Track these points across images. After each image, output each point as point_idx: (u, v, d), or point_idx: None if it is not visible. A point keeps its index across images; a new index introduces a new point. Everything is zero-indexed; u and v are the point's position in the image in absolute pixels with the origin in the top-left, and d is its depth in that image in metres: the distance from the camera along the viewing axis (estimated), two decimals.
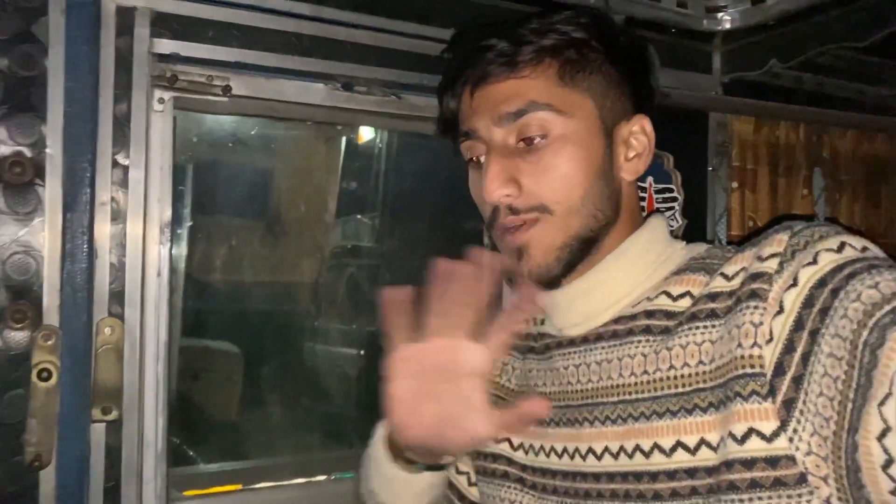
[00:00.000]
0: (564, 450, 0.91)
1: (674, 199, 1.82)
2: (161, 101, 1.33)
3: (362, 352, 2.69)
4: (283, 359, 2.70)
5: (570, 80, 0.89)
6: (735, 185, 1.93)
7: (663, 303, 0.86)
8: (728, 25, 1.79)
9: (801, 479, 0.70)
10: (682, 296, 0.85)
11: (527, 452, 0.97)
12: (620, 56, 0.93)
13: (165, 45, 1.33)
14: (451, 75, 0.95)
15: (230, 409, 2.61)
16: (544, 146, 0.87)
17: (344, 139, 2.85)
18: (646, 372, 0.84)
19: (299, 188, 2.86)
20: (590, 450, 0.88)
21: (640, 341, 0.86)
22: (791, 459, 0.71)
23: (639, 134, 0.93)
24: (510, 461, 0.99)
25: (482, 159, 0.91)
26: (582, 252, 0.89)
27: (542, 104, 0.87)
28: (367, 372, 2.63)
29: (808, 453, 0.70)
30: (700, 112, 1.91)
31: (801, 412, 0.70)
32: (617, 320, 0.89)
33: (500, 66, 0.89)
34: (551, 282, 0.89)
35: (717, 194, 1.93)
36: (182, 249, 2.31)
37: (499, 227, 0.89)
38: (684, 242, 0.94)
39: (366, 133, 2.86)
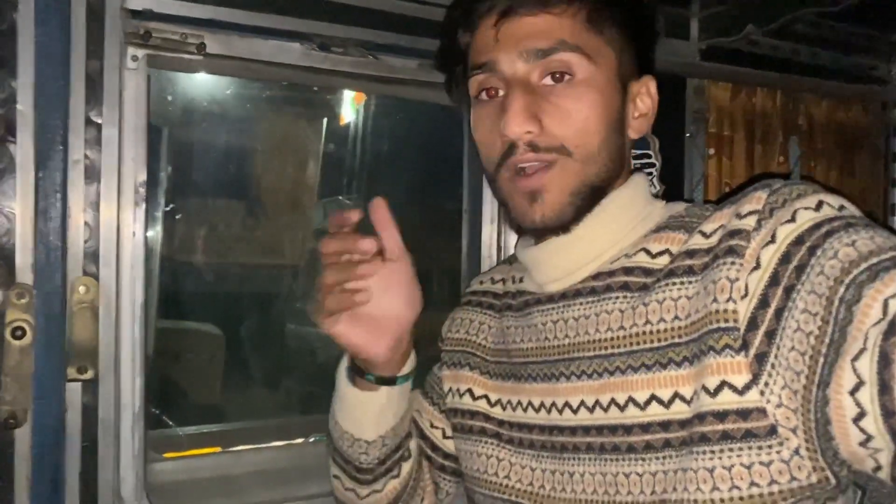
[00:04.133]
0: (542, 404, 0.92)
1: (651, 165, 1.82)
2: (134, 58, 1.30)
3: None
4: (264, 337, 2.72)
5: (597, 27, 0.88)
6: (712, 151, 1.94)
7: (642, 260, 0.87)
8: None
9: (772, 430, 0.72)
10: (660, 253, 0.86)
11: (504, 408, 0.98)
12: (639, 13, 0.93)
13: (138, 1, 1.30)
14: (465, 6, 0.92)
15: (213, 388, 2.64)
16: (568, 88, 0.86)
17: (325, 119, 2.82)
18: (622, 327, 0.85)
19: (280, 167, 2.84)
20: (566, 404, 0.89)
21: (617, 297, 0.86)
22: (762, 412, 0.72)
23: (645, 95, 0.94)
24: (487, 417, 0.99)
25: (498, 94, 0.89)
26: (591, 200, 0.88)
27: (571, 45, 0.86)
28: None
29: (779, 406, 0.71)
30: (678, 78, 1.91)
31: (773, 366, 0.71)
32: (596, 276, 0.90)
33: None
34: (561, 228, 0.89)
35: (694, 161, 1.93)
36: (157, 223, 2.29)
37: (512, 165, 0.87)
38: (664, 202, 0.95)
39: (347, 114, 2.82)
